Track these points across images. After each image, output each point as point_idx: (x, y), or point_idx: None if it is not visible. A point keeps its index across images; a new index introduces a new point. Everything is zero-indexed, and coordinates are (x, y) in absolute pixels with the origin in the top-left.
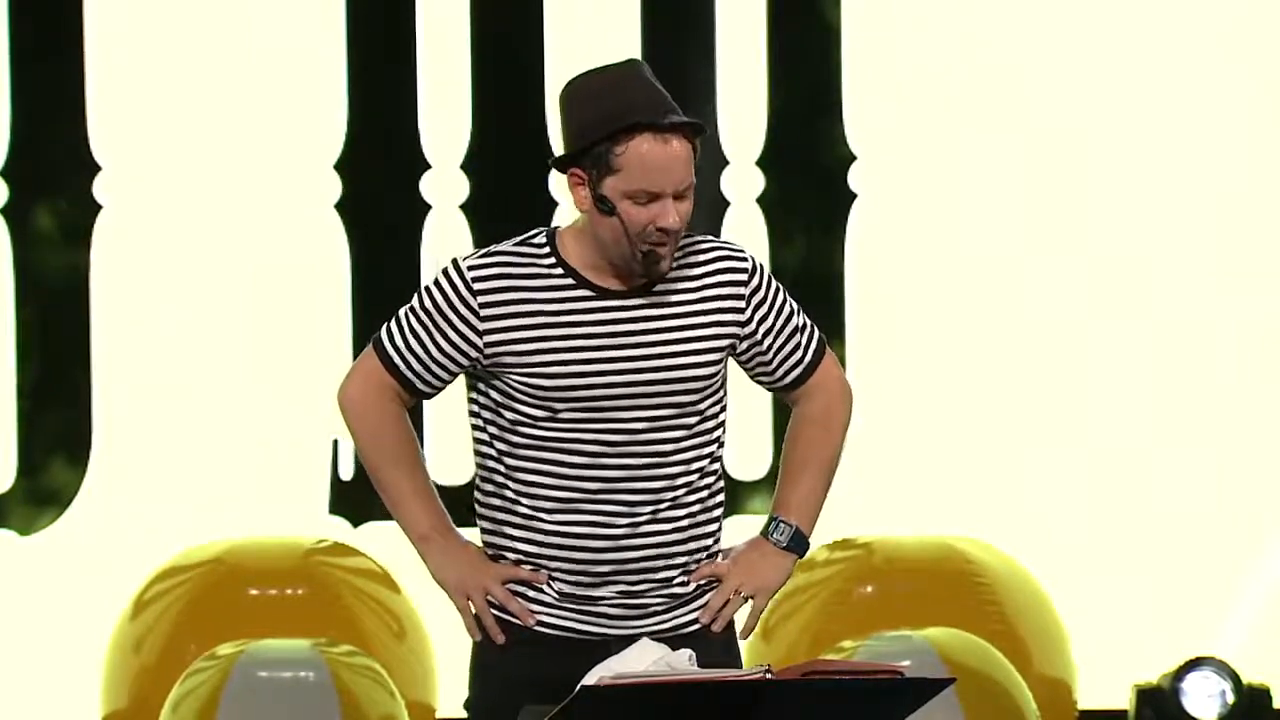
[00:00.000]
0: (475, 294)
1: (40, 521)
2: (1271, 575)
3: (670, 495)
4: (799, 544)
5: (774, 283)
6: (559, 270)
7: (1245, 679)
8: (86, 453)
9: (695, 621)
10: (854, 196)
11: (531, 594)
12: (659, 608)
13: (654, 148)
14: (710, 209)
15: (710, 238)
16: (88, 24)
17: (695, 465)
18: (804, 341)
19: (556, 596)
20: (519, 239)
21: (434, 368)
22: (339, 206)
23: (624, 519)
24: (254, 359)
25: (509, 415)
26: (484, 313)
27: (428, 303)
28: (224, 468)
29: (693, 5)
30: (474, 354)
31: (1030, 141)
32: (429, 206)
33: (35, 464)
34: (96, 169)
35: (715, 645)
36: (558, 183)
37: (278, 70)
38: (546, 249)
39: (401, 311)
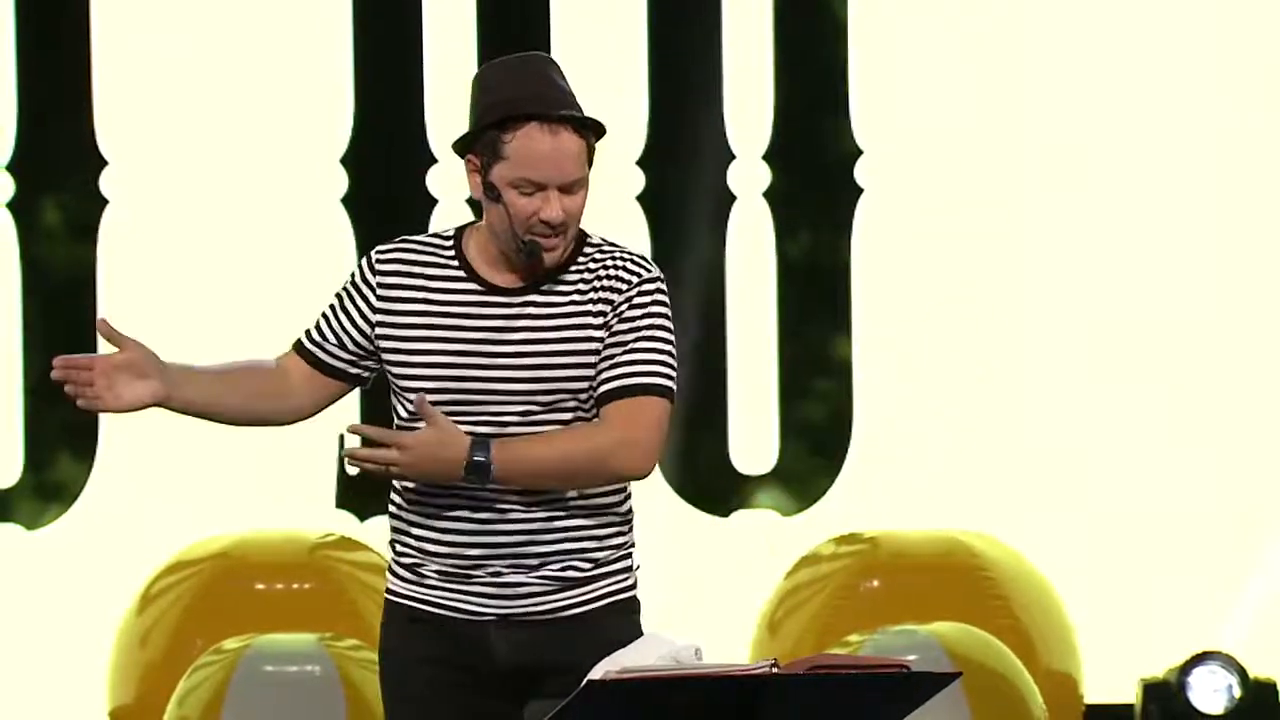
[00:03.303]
0: (376, 274)
1: (46, 516)
2: (1278, 569)
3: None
4: (480, 471)
5: (656, 309)
6: (455, 263)
7: (1252, 673)
8: (93, 447)
9: (581, 604)
10: (860, 191)
11: (415, 576)
12: (534, 589)
13: (540, 138)
14: (716, 203)
15: (625, 248)
16: (94, 18)
17: None
18: (635, 372)
19: (437, 577)
20: (434, 232)
21: (329, 335)
22: (345, 200)
23: (492, 506)
24: (260, 354)
25: (400, 409)
26: (380, 293)
27: (341, 285)
28: (230, 462)
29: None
30: (368, 332)
31: (1036, 136)
32: (435, 200)
33: (41, 458)
34: (103, 163)
35: (602, 631)
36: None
37: (284, 65)
38: (451, 242)
39: None
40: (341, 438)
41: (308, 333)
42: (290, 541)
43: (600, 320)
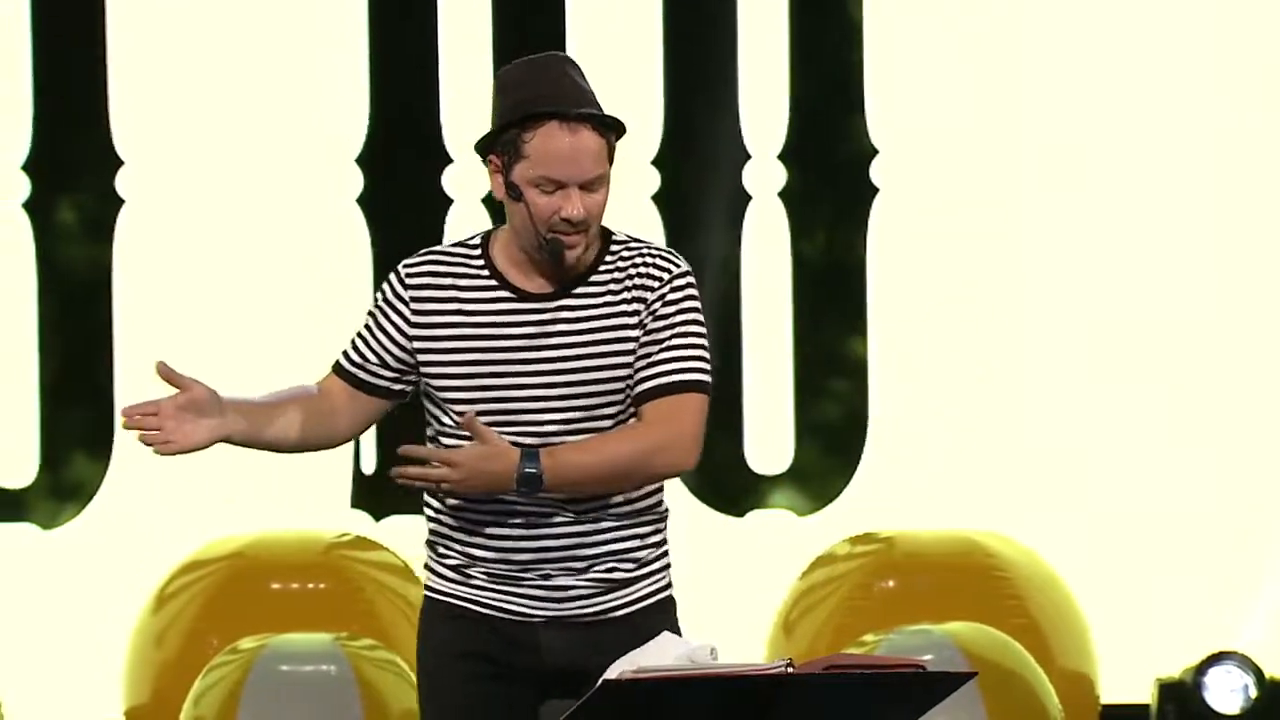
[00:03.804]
0: (407, 288)
1: (63, 516)
2: None
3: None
4: (532, 483)
5: (689, 303)
6: (485, 271)
7: (1268, 673)
8: (109, 447)
9: (626, 605)
10: (876, 190)
11: (461, 576)
12: (583, 591)
13: (560, 137)
14: (732, 203)
15: (651, 243)
16: (110, 19)
17: None
18: (673, 369)
19: (485, 578)
20: (459, 240)
21: (370, 355)
22: (361, 200)
23: (538, 514)
24: (276, 353)
25: (441, 418)
26: (414, 306)
27: (372, 305)
28: (245, 462)
29: None
30: (407, 346)
31: (1051, 135)
32: (451, 200)
33: (57, 458)
34: (119, 163)
35: (648, 632)
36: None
37: (299, 65)
38: (479, 249)
39: None
40: (356, 438)
41: (346, 355)
42: (306, 541)
43: (635, 319)
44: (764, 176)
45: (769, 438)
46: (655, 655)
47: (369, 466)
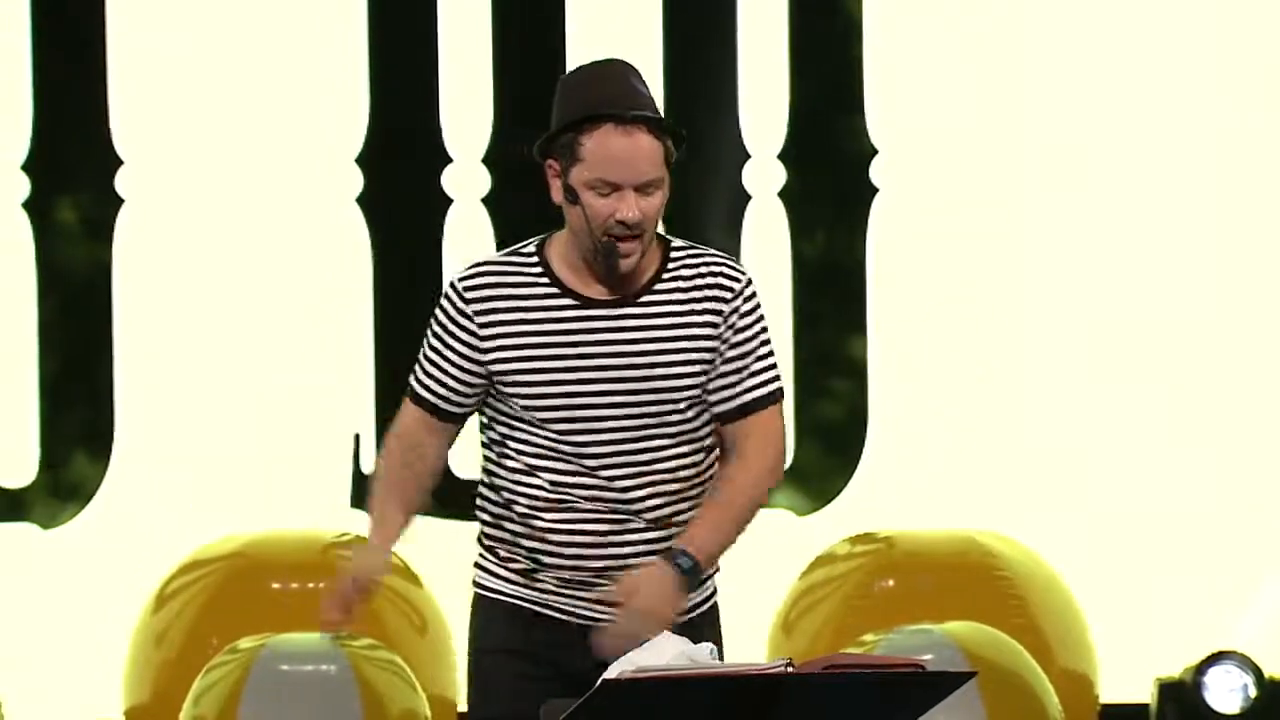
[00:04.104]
0: (469, 303)
1: (63, 515)
2: None
3: (657, 500)
4: (693, 572)
5: (759, 312)
6: (545, 278)
7: (1267, 673)
8: (108, 447)
9: (685, 614)
10: (875, 190)
11: (526, 580)
12: None
13: (615, 139)
14: (732, 203)
15: (711, 250)
16: (110, 19)
17: (682, 472)
18: (760, 383)
19: (555, 583)
20: (511, 249)
21: (452, 383)
22: (361, 200)
23: (612, 521)
24: (276, 353)
25: (504, 425)
26: (479, 320)
27: (434, 326)
28: (245, 461)
29: None
30: (483, 360)
31: (1051, 135)
32: (450, 200)
33: (57, 458)
34: (118, 163)
35: (703, 637)
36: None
37: (299, 64)
38: (535, 257)
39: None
40: (357, 437)
41: (427, 388)
42: (305, 541)
43: (710, 330)
44: (764, 176)
45: None
46: (655, 655)
47: (368, 466)
